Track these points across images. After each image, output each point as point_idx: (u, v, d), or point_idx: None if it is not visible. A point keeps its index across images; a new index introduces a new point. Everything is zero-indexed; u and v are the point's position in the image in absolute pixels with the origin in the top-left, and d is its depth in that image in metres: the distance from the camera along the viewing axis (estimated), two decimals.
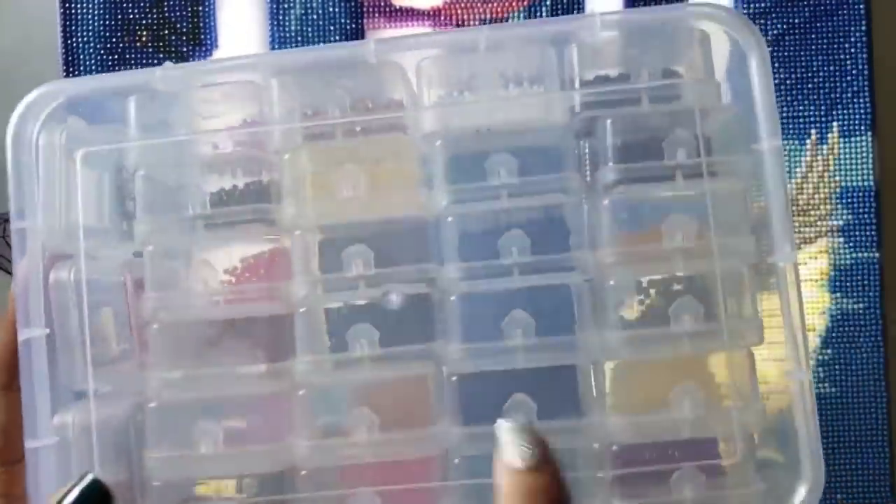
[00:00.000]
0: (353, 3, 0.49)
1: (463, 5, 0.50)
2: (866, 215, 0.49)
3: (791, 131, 0.49)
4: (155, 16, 0.49)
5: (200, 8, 0.49)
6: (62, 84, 0.32)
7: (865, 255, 0.49)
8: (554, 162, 0.31)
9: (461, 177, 0.31)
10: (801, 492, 0.29)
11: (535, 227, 0.31)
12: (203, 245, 0.33)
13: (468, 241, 0.31)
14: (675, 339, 0.31)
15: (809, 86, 0.50)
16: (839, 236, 0.49)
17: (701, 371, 0.32)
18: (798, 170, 0.49)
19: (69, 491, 0.29)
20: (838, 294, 0.49)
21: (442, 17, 0.50)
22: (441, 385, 0.32)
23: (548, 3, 0.50)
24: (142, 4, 0.49)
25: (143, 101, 0.33)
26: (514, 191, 0.31)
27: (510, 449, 0.26)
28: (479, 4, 0.50)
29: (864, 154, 0.49)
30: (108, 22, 0.49)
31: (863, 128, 0.50)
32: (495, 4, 0.50)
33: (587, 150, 0.32)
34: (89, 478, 0.29)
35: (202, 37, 0.49)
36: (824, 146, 0.49)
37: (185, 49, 0.49)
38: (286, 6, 0.49)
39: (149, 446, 0.32)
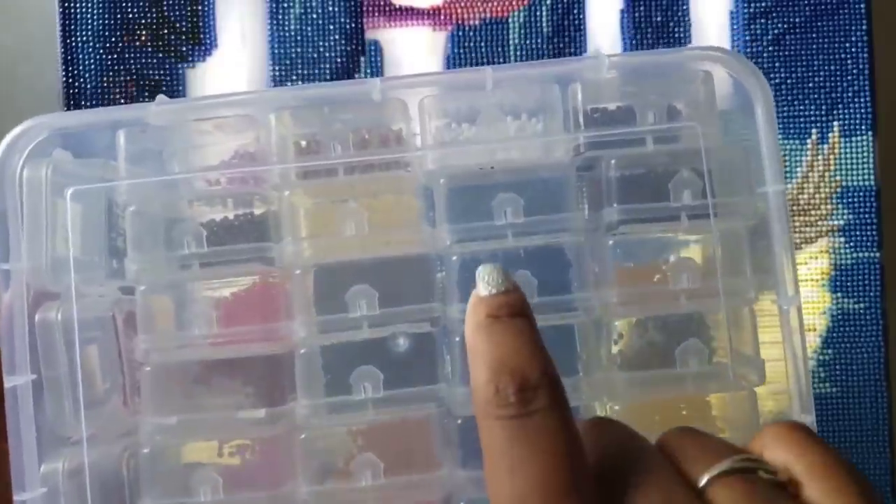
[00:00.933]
0: (352, 3, 0.49)
1: (463, 5, 0.49)
2: (867, 215, 0.49)
3: (792, 131, 0.49)
4: (154, 15, 0.49)
5: (200, 7, 0.49)
6: (48, 118, 0.31)
7: (866, 254, 0.49)
8: (557, 200, 0.31)
9: (465, 215, 0.31)
10: None
11: (539, 265, 0.31)
12: (198, 283, 0.31)
13: (472, 280, 0.31)
14: (679, 380, 0.31)
15: (810, 85, 0.50)
16: (840, 236, 0.49)
17: (702, 408, 0.32)
18: (799, 169, 0.49)
19: None
20: (839, 294, 0.49)
21: (442, 17, 0.49)
22: (445, 428, 0.31)
23: (548, 2, 0.50)
24: (141, 4, 0.49)
25: (132, 135, 0.32)
26: (519, 230, 0.31)
27: (481, 283, 0.26)
28: (478, 4, 0.49)
29: (865, 154, 0.49)
30: (107, 21, 0.49)
31: (863, 127, 0.49)
32: (495, 4, 0.50)
33: (587, 187, 0.32)
34: None
35: (201, 36, 0.49)
36: (825, 146, 0.49)
37: (184, 48, 0.49)
38: (286, 5, 0.49)
39: (143, 494, 0.31)
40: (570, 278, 0.31)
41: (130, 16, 0.49)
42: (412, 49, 0.49)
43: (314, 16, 0.49)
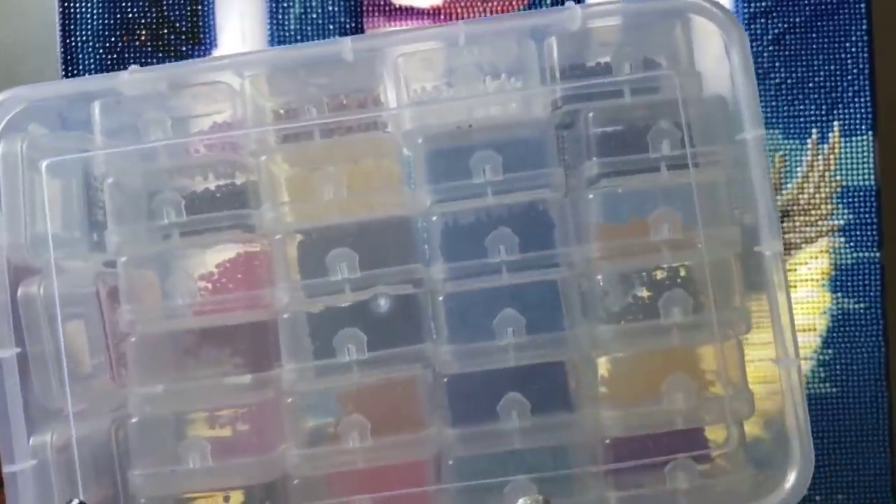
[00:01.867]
0: (352, 2, 0.49)
1: (463, 4, 0.49)
2: (867, 215, 0.49)
3: (792, 131, 0.49)
4: (154, 15, 0.49)
5: (199, 7, 0.49)
6: (23, 90, 0.31)
7: (866, 254, 0.49)
8: (536, 157, 0.31)
9: (444, 175, 0.31)
10: (791, 477, 0.30)
11: (520, 223, 0.31)
12: (180, 253, 0.31)
13: (454, 240, 0.31)
14: (664, 332, 0.31)
15: (810, 85, 0.49)
16: (840, 236, 0.49)
17: (690, 361, 0.32)
18: (799, 169, 0.49)
19: None
20: (839, 294, 0.49)
21: (442, 17, 0.49)
22: (431, 387, 0.31)
23: (548, 2, 0.49)
24: (141, 3, 0.49)
25: (108, 106, 0.31)
26: (499, 188, 0.31)
27: None
28: (478, 3, 0.49)
29: (865, 153, 0.49)
30: (107, 21, 0.49)
31: (864, 127, 0.49)
32: (495, 3, 0.50)
33: (568, 144, 0.32)
34: (75, 502, 0.29)
35: (201, 36, 0.49)
36: (825, 146, 0.49)
37: (184, 48, 0.49)
38: (285, 5, 0.49)
39: (133, 463, 0.31)
40: (552, 235, 0.31)
41: (130, 15, 0.49)
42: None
43: (314, 15, 0.49)
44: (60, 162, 0.31)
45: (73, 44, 0.49)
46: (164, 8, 0.49)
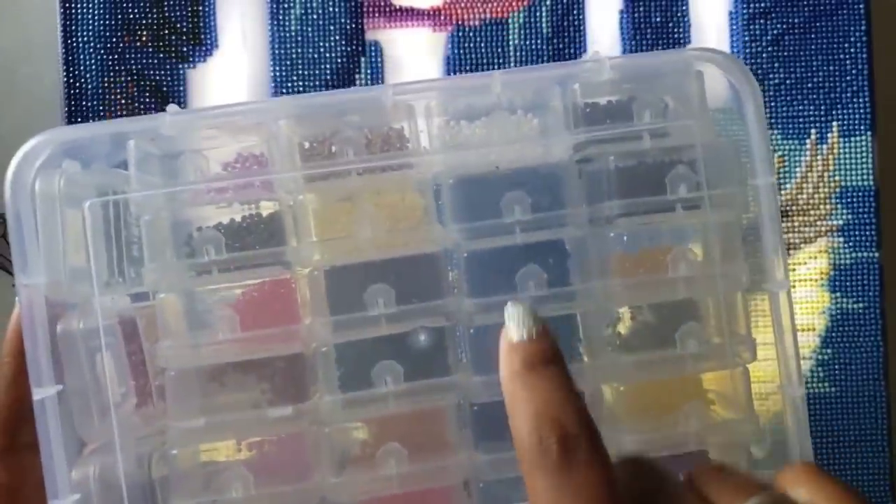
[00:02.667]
0: (352, 3, 0.49)
1: (463, 5, 0.50)
2: (866, 215, 0.49)
3: (791, 131, 0.50)
4: (155, 15, 0.49)
5: (200, 8, 0.49)
6: (61, 132, 0.31)
7: (865, 254, 0.49)
8: (559, 196, 0.33)
9: (474, 213, 0.32)
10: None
11: (544, 258, 0.33)
12: (214, 288, 0.32)
13: (483, 275, 0.32)
14: (679, 361, 0.32)
15: (809, 85, 0.50)
16: (839, 236, 0.49)
17: (702, 388, 0.34)
18: (798, 170, 0.49)
19: None
20: (838, 294, 0.49)
21: (442, 17, 0.50)
22: (461, 415, 0.33)
23: (547, 3, 0.50)
24: (142, 4, 0.49)
25: (141, 143, 0.32)
26: (527, 227, 0.32)
27: (511, 325, 0.27)
28: (478, 4, 0.50)
29: (864, 154, 0.50)
30: (108, 22, 0.49)
31: (862, 127, 0.50)
32: (495, 4, 0.50)
33: (586, 181, 0.33)
34: None
35: (202, 36, 0.49)
36: (824, 146, 0.49)
37: (185, 49, 0.49)
38: (286, 6, 0.49)
39: (173, 494, 0.32)
40: (568, 269, 0.32)
41: (131, 16, 0.49)
42: (412, 50, 0.49)
43: (315, 16, 0.49)
44: (100, 201, 0.32)
45: (75, 44, 0.49)
46: (166, 9, 0.49)
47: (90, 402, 0.30)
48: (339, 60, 0.49)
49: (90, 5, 0.49)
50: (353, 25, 0.49)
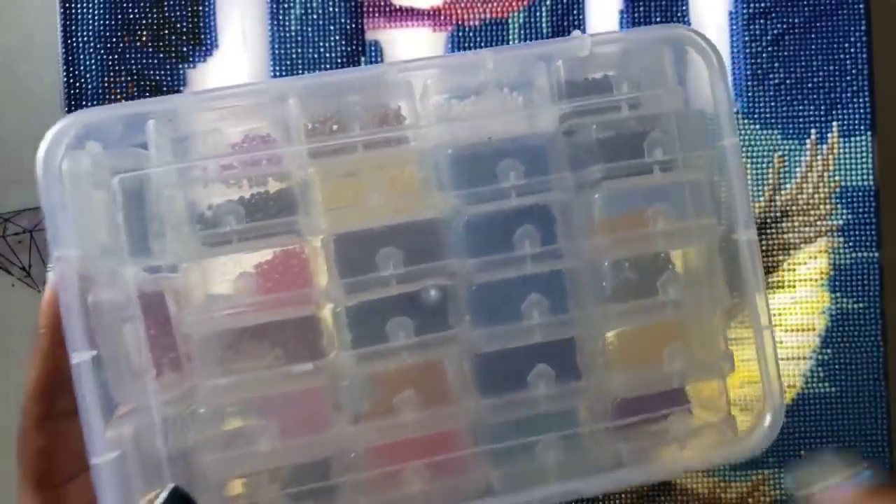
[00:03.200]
0: (352, 3, 0.49)
1: (463, 5, 0.50)
2: (866, 215, 0.49)
3: (791, 131, 0.50)
4: (155, 15, 0.49)
5: (200, 8, 0.49)
6: (84, 115, 0.34)
7: (865, 254, 0.49)
8: (549, 163, 0.36)
9: (471, 180, 0.35)
10: (767, 417, 0.37)
11: (536, 220, 0.36)
12: (233, 257, 0.34)
13: (481, 237, 0.35)
14: (660, 307, 0.36)
15: (809, 85, 0.50)
16: (839, 236, 0.49)
17: (682, 331, 0.37)
18: (798, 170, 0.49)
19: (155, 499, 0.31)
20: (838, 294, 0.49)
21: (442, 17, 0.50)
22: (463, 364, 0.36)
23: (547, 3, 0.50)
24: (142, 4, 0.49)
25: (160, 124, 0.35)
26: (521, 191, 0.35)
27: None
28: (478, 4, 0.50)
29: (864, 154, 0.50)
30: (108, 22, 0.49)
31: (862, 127, 0.50)
32: (495, 4, 0.50)
33: (570, 149, 0.37)
34: (171, 487, 0.31)
35: (202, 36, 0.49)
36: (824, 146, 0.50)
37: (185, 49, 0.49)
38: (286, 6, 0.49)
39: (203, 450, 0.34)
40: (556, 230, 0.36)
41: (131, 16, 0.49)
42: (412, 49, 0.49)
43: (315, 16, 0.49)
44: (128, 176, 0.34)
45: (75, 44, 0.49)
46: (166, 9, 0.49)
47: (121, 367, 0.33)
48: (339, 60, 0.49)
49: (90, 5, 0.49)
50: (353, 25, 0.49)
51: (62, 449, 0.34)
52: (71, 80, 0.49)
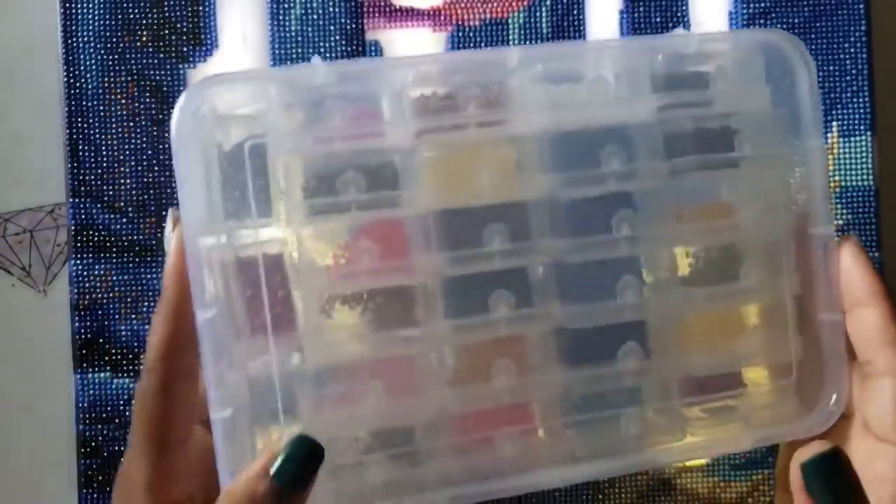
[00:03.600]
0: (353, 3, 0.49)
1: (463, 5, 0.50)
2: (866, 215, 0.49)
3: None
4: (155, 16, 0.49)
5: (201, 8, 0.49)
6: (215, 81, 0.35)
7: None
8: (643, 151, 0.38)
9: (573, 164, 0.38)
10: (833, 397, 0.38)
11: (633, 205, 0.38)
12: (344, 225, 0.36)
13: (580, 218, 0.38)
14: (738, 293, 0.39)
15: None
16: (839, 236, 0.49)
17: (750, 317, 0.40)
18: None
19: (281, 450, 0.32)
20: None
21: (442, 17, 0.50)
22: (549, 338, 0.38)
23: (547, 3, 0.50)
24: (142, 4, 0.49)
25: (282, 90, 0.36)
26: (621, 177, 0.38)
27: None
28: (478, 4, 0.50)
29: (864, 154, 0.50)
30: (108, 22, 0.49)
31: (862, 127, 0.50)
32: (495, 4, 0.50)
33: (663, 139, 0.39)
34: (298, 435, 0.33)
35: (202, 37, 0.49)
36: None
37: (185, 49, 0.49)
38: (286, 6, 0.49)
39: (312, 406, 0.35)
40: (641, 215, 0.38)
41: (131, 16, 0.49)
42: (412, 50, 0.49)
43: (315, 16, 0.49)
44: (255, 143, 0.36)
45: (75, 44, 0.49)
46: (166, 9, 0.49)
47: (241, 325, 0.35)
48: (339, 60, 0.49)
49: (90, 5, 0.49)
50: (353, 25, 0.49)
51: (178, 412, 0.35)
52: (71, 80, 0.49)
